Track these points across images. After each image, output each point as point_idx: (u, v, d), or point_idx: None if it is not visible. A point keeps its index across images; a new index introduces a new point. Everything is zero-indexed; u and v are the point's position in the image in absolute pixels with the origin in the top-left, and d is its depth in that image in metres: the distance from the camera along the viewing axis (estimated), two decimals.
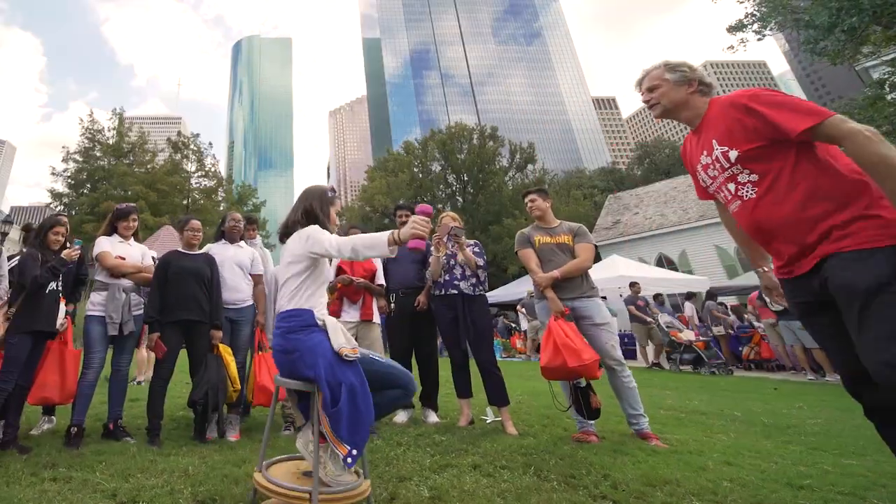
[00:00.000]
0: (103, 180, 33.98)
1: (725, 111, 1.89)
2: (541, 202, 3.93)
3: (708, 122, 1.98)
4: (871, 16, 8.44)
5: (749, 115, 1.79)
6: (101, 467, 2.56)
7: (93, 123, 35.61)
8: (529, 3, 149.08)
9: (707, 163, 1.98)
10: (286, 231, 2.35)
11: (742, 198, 1.87)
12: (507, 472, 2.56)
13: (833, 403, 5.37)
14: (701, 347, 9.43)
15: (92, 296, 3.43)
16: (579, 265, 3.63)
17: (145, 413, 3.36)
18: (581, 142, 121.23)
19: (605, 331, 3.51)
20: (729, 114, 1.87)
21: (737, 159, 1.84)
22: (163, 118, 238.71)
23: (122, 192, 32.74)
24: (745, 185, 1.85)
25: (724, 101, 1.93)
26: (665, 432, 3.60)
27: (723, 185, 1.95)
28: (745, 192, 1.85)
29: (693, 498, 2.17)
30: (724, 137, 1.88)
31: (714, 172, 1.96)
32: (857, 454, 3.06)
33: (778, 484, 2.41)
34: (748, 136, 1.80)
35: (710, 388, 6.89)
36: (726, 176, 1.91)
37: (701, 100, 2.04)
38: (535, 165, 32.62)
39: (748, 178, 1.84)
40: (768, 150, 1.77)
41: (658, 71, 2.14)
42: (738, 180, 1.87)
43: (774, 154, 1.77)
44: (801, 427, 3.95)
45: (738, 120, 1.83)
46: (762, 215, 1.81)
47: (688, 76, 2.06)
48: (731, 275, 19.61)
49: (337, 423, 1.88)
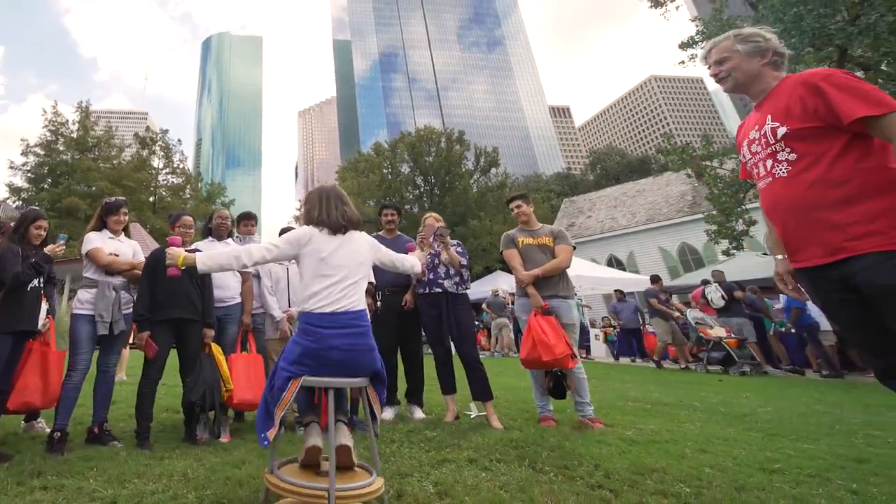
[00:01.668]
0: (66, 175, 31.65)
1: (793, 88, 1.73)
2: (525, 207, 4.10)
3: (772, 97, 1.82)
4: (811, 37, 8.82)
5: (816, 94, 1.63)
6: (92, 474, 2.37)
7: (56, 116, 33.06)
8: (492, 12, 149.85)
9: (754, 137, 1.84)
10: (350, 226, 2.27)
11: (774, 175, 1.75)
12: (503, 465, 2.54)
13: (775, 394, 5.64)
14: (733, 346, 8.22)
15: (79, 293, 3.14)
16: (558, 265, 3.80)
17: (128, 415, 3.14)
18: (538, 148, 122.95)
19: (568, 330, 3.69)
20: (796, 91, 1.71)
21: (783, 136, 1.70)
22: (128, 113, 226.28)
23: (85, 187, 30.78)
24: (782, 163, 1.72)
25: (796, 78, 1.75)
26: (638, 423, 3.67)
27: (762, 160, 1.80)
28: (779, 170, 1.73)
29: (681, 484, 2.21)
30: (780, 113, 1.73)
31: (757, 148, 1.83)
32: (811, 439, 3.20)
33: (752, 469, 2.49)
34: (806, 115, 1.65)
35: (663, 381, 7.10)
36: (768, 152, 1.77)
37: (772, 73, 1.86)
38: (498, 169, 32.93)
39: (786, 157, 1.71)
40: (819, 132, 1.63)
41: (728, 42, 1.93)
42: (776, 158, 1.74)
43: (823, 137, 1.63)
44: (755, 415, 4.11)
45: (801, 98, 1.67)
46: (784, 195, 1.71)
47: (761, 46, 1.86)
48: (673, 275, 20.30)
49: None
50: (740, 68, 1.88)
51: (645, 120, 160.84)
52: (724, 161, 13.40)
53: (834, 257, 1.61)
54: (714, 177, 12.86)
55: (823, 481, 2.27)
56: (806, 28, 8.77)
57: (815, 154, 1.63)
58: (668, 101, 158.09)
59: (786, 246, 1.80)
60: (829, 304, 1.73)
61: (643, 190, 26.58)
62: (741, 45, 1.88)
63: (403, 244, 4.51)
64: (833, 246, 1.60)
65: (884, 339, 1.57)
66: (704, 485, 2.21)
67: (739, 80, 1.90)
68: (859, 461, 2.60)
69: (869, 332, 1.62)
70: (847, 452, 2.79)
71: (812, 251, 1.68)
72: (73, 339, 3.07)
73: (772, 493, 2.08)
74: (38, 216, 3.18)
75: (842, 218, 1.58)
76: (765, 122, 1.78)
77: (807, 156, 1.65)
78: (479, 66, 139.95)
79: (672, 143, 14.19)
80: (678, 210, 23.09)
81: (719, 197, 12.67)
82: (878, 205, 1.53)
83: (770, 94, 1.83)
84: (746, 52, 1.87)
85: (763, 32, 1.89)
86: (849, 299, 1.62)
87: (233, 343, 3.61)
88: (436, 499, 2.09)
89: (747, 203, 12.91)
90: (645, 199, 25.67)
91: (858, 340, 1.69)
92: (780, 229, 1.80)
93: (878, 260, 1.51)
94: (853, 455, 2.72)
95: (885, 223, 1.51)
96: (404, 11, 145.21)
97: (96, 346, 3.16)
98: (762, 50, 1.85)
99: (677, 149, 13.84)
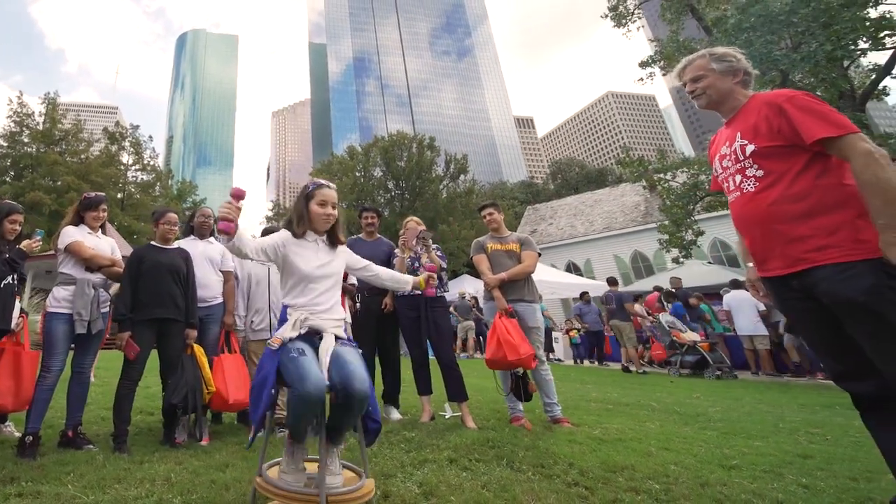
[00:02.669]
0: (30, 168, 29.76)
1: (760, 107, 1.78)
2: (497, 215, 4.18)
3: (741, 115, 1.87)
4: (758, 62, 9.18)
5: (780, 114, 1.70)
6: (69, 479, 2.21)
7: (22, 107, 30.99)
8: (463, 22, 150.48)
9: (725, 153, 1.89)
10: None
11: (742, 190, 1.81)
12: (482, 464, 2.54)
13: (721, 394, 5.83)
14: (706, 349, 8.20)
15: (55, 290, 2.89)
16: (524, 269, 3.90)
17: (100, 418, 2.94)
18: (503, 156, 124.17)
19: (533, 333, 3.78)
20: (762, 110, 1.76)
21: (751, 154, 1.76)
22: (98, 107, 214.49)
23: (51, 182, 29.00)
24: (750, 179, 1.78)
25: (762, 98, 1.80)
26: (603, 422, 3.75)
27: (731, 175, 1.86)
28: (747, 186, 1.79)
29: (650, 481, 2.26)
30: (748, 131, 1.79)
31: (728, 163, 1.88)
32: (760, 437, 3.34)
33: (713, 465, 2.57)
34: (771, 134, 1.71)
35: (619, 383, 7.26)
36: (737, 168, 1.83)
37: (742, 91, 1.91)
38: (467, 176, 33.06)
39: (754, 173, 1.76)
40: (783, 150, 1.69)
41: (703, 60, 1.96)
42: (745, 173, 1.79)
43: (787, 155, 1.69)
44: (707, 415, 4.26)
45: (767, 118, 1.73)
46: (750, 209, 1.77)
47: (734, 66, 1.90)
48: (626, 281, 20.88)
49: None
50: (714, 86, 1.92)
51: (602, 133, 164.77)
52: (676, 174, 13.91)
53: (794, 268, 1.68)
54: (667, 189, 13.31)
55: (777, 476, 2.37)
56: (755, 53, 9.18)
57: (780, 171, 1.70)
58: (624, 116, 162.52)
59: (753, 256, 1.88)
60: (792, 312, 1.81)
61: (600, 200, 27.27)
62: (715, 64, 1.92)
63: (384, 247, 4.48)
64: (794, 257, 1.68)
65: (841, 345, 1.66)
66: (672, 481, 2.27)
67: (713, 97, 1.94)
68: (804, 457, 2.73)
69: (827, 337, 1.70)
70: (793, 449, 2.93)
71: (776, 262, 1.75)
72: (49, 338, 2.83)
73: (733, 489, 2.16)
74: (12, 209, 2.96)
75: (802, 231, 1.65)
76: (735, 139, 1.84)
77: (772, 172, 1.71)
78: (449, 74, 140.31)
79: (630, 156, 14.66)
80: (632, 220, 23.81)
81: (671, 208, 13.13)
82: (836, 219, 1.60)
83: (740, 112, 1.88)
84: (720, 70, 1.91)
85: (735, 52, 1.95)
86: (809, 307, 1.71)
87: (215, 343, 3.46)
88: (422, 499, 2.07)
89: (696, 215, 13.42)
90: (602, 208, 26.33)
91: (818, 345, 1.77)
92: (749, 241, 1.86)
93: (836, 271, 1.58)
94: (798, 451, 2.86)
95: (842, 236, 1.58)
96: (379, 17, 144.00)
97: (71, 346, 2.94)
98: (734, 69, 1.90)
99: (634, 161, 14.30)
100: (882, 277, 1.51)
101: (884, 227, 1.50)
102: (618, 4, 14.44)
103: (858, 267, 1.55)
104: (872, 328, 1.52)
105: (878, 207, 1.50)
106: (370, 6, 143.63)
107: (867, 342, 1.55)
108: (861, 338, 1.57)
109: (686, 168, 13.35)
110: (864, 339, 1.56)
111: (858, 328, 1.57)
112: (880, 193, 1.49)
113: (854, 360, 1.64)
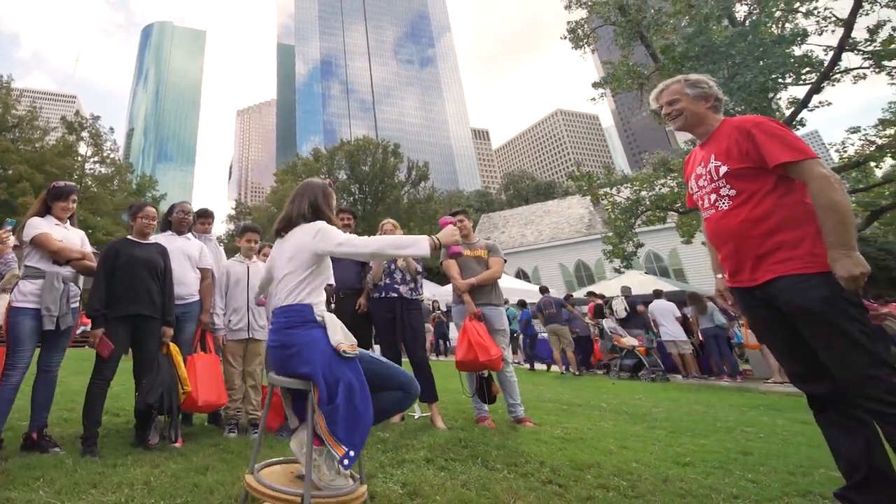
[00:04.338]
0: None
1: (731, 131, 1.85)
2: (467, 222, 4.21)
3: (714, 138, 1.94)
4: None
5: (748, 139, 1.77)
6: (39, 484, 2.00)
7: None
8: (427, 32, 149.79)
9: (700, 173, 1.96)
10: (287, 225, 2.02)
11: (717, 207, 1.88)
12: (458, 464, 2.51)
13: (660, 395, 6.01)
14: (643, 353, 8.46)
15: (21, 284, 2.61)
16: (491, 275, 3.95)
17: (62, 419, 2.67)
18: (459, 166, 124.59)
19: (500, 335, 3.80)
20: (732, 134, 1.83)
21: (725, 174, 1.83)
22: (55, 94, 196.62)
23: (1, 170, 26.42)
24: (724, 198, 1.85)
25: (734, 122, 1.88)
26: (562, 422, 3.81)
27: (706, 194, 1.93)
28: (721, 204, 1.86)
29: (616, 478, 2.31)
30: (721, 153, 1.86)
31: (703, 182, 1.94)
32: (704, 435, 3.47)
33: (669, 462, 2.65)
34: (741, 157, 1.79)
35: (567, 384, 7.36)
36: (712, 187, 1.90)
37: (714, 116, 1.98)
38: (427, 183, 33.02)
39: (727, 193, 1.84)
40: (753, 172, 1.77)
41: (678, 86, 2.02)
42: (719, 193, 1.87)
43: (756, 177, 1.76)
44: (652, 415, 4.39)
45: (737, 141, 1.80)
46: (724, 225, 1.85)
47: (706, 91, 1.96)
48: (569, 289, 21.55)
49: (333, 422, 1.61)
50: (689, 110, 1.99)
51: (551, 148, 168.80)
52: (621, 189, 14.48)
53: (758, 280, 1.79)
54: (612, 203, 13.81)
55: (726, 472, 2.47)
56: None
57: (751, 190, 1.78)
58: (570, 133, 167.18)
59: (726, 268, 1.96)
60: (756, 319, 1.91)
61: (549, 211, 27.98)
62: (689, 90, 1.98)
63: None
64: (762, 269, 1.77)
65: (799, 350, 1.77)
66: (636, 478, 2.33)
67: (689, 120, 2.00)
68: (745, 454, 2.87)
69: (787, 342, 1.81)
70: (734, 447, 3.07)
71: (743, 274, 1.85)
72: (13, 334, 2.55)
73: (691, 484, 2.24)
74: None
75: (766, 246, 1.75)
76: (709, 160, 1.91)
77: (744, 192, 1.80)
78: (412, 83, 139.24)
79: (581, 171, 15.17)
80: (577, 231, 24.59)
81: (615, 220, 13.62)
82: (796, 234, 1.70)
83: (713, 135, 1.95)
84: (694, 95, 1.97)
85: (707, 80, 2.03)
86: (771, 315, 1.81)
87: (190, 342, 3.24)
88: (407, 499, 2.02)
89: (637, 228, 14.01)
90: (550, 219, 27.03)
91: (779, 349, 1.88)
92: (722, 254, 1.95)
93: (795, 282, 1.69)
94: (739, 449, 3.00)
95: (801, 251, 1.69)
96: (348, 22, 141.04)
97: (38, 342, 2.67)
98: (706, 95, 1.97)
99: (584, 176, 14.79)
100: (837, 289, 1.61)
101: (832, 244, 1.61)
102: (576, 28, 14.93)
103: (815, 279, 1.65)
104: (826, 335, 1.63)
105: (830, 227, 1.61)
106: (339, 11, 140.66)
107: (821, 348, 1.66)
108: (816, 344, 1.68)
109: (629, 184, 13.92)
110: (819, 345, 1.67)
111: (814, 335, 1.67)
112: (833, 214, 1.60)
113: (810, 364, 1.75)
